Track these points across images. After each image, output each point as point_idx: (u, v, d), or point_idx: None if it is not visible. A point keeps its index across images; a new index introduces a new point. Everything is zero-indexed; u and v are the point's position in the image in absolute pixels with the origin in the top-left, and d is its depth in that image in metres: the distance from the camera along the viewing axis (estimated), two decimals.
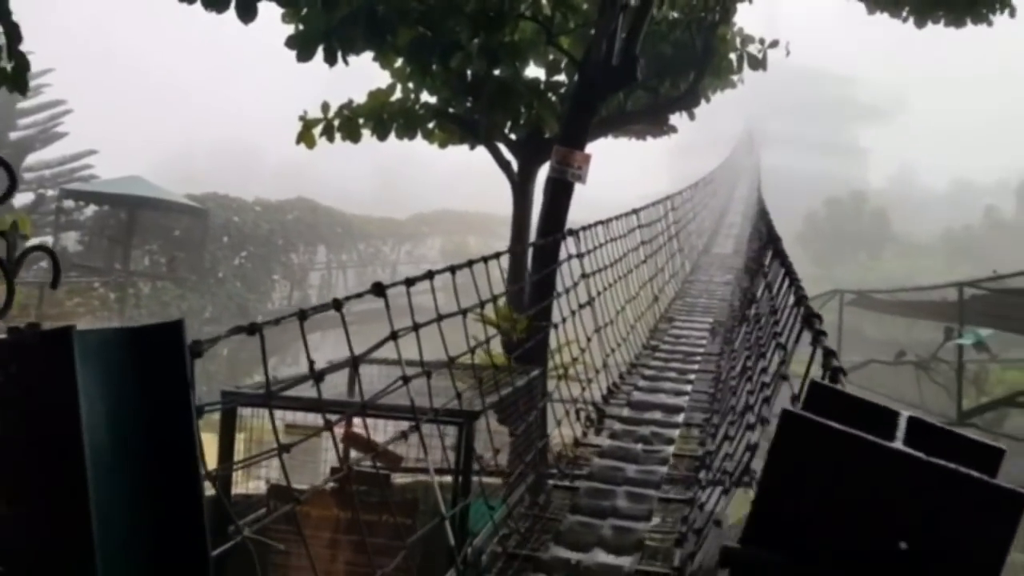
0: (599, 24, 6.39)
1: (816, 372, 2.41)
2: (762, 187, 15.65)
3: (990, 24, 8.07)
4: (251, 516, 4.22)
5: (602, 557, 3.61)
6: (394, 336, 3.23)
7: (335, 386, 5.17)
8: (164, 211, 21.60)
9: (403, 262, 33.28)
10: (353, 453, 4.96)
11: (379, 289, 3.19)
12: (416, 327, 3.37)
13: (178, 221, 22.66)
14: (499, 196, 8.95)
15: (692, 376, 6.40)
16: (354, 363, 3.17)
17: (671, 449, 4.85)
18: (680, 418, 5.42)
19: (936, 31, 8.89)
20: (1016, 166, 49.69)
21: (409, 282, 3.44)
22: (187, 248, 22.54)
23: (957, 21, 8.10)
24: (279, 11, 7.04)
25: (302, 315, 2.73)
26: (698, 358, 6.99)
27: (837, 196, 44.39)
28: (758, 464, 2.97)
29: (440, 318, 3.72)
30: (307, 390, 3.71)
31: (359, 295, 3.30)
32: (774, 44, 9.19)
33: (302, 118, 8.48)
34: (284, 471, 2.55)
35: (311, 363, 2.95)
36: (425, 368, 3.35)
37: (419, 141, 8.99)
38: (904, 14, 8.46)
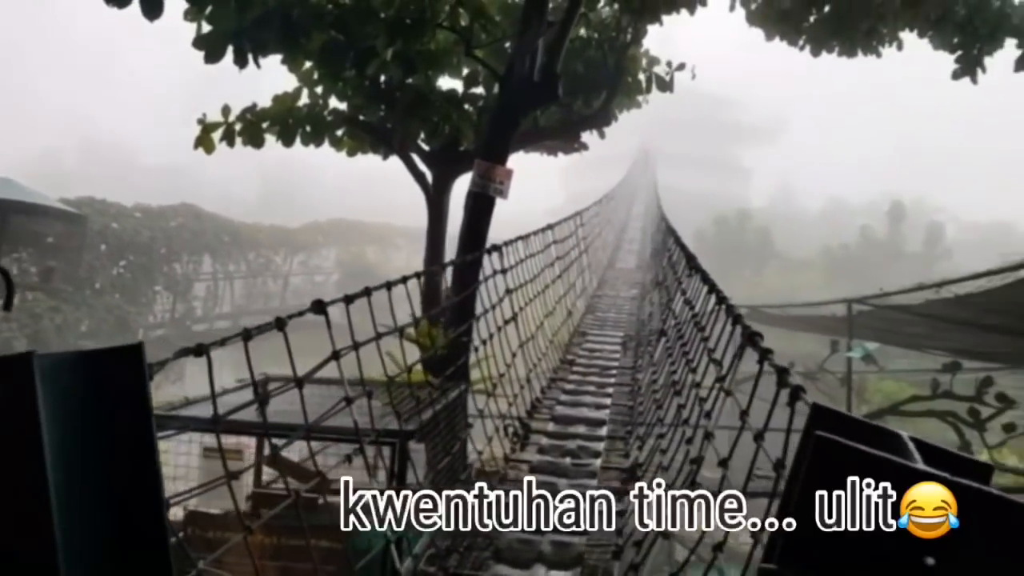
0: (523, 40, 6.41)
1: (769, 389, 2.47)
2: (662, 204, 16.14)
3: (879, 56, 8.66)
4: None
5: (542, 573, 3.58)
6: (336, 356, 3.10)
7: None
8: (36, 216, 20.06)
9: (296, 273, 32.27)
10: (268, 475, 4.73)
11: (320, 307, 3.05)
12: (356, 346, 3.25)
13: (51, 227, 21.10)
14: (397, 206, 8.84)
15: (610, 389, 6.49)
16: (299, 383, 3.01)
17: (599, 462, 4.87)
18: (604, 431, 5.46)
19: (816, 58, 9.45)
20: (887, 189, 53.64)
21: (348, 299, 3.32)
22: (62, 257, 21.03)
23: (850, 51, 8.64)
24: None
25: (246, 335, 2.58)
26: (614, 372, 7.09)
27: (724, 214, 46.46)
28: (710, 475, 3.01)
29: (379, 336, 3.60)
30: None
31: (300, 314, 3.13)
32: (681, 67, 9.51)
33: (201, 121, 8.09)
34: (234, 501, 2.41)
35: (254, 384, 2.79)
36: (367, 388, 3.23)
37: (299, 147, 8.72)
38: (801, 42, 8.95)
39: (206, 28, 6.39)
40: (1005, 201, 63.27)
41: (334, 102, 8.44)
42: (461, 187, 7.62)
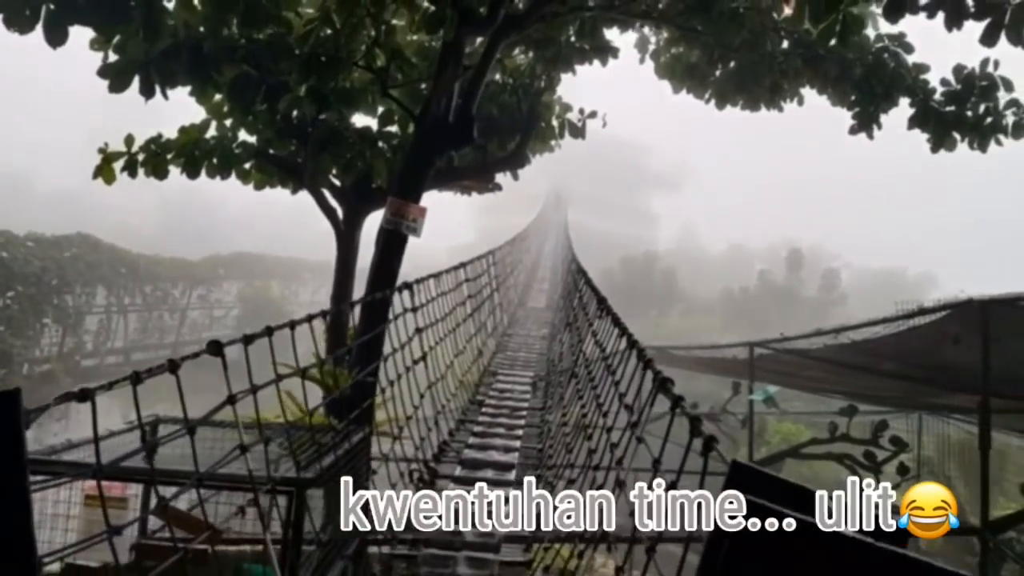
0: (439, 82, 6.44)
1: (679, 434, 2.49)
2: (572, 245, 16.40)
3: (781, 110, 9.12)
4: None
5: None
6: (232, 400, 2.96)
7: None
8: None
9: (195, 307, 31.08)
10: (153, 524, 4.46)
11: (217, 348, 2.92)
12: (254, 389, 3.13)
13: None
14: (304, 240, 8.67)
15: (520, 432, 6.44)
16: (143, 432, 2.85)
17: None
18: (512, 475, 5.40)
19: (717, 111, 9.87)
20: (784, 234, 56.40)
21: (247, 339, 3.19)
22: None
23: (754, 105, 9.07)
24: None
25: (135, 379, 2.43)
26: (523, 413, 7.06)
27: (631, 255, 47.72)
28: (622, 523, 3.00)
29: (279, 378, 3.48)
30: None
31: (195, 355, 2.97)
32: (593, 115, 9.76)
33: (102, 151, 7.73)
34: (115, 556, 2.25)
35: (143, 431, 2.63)
36: (264, 433, 3.09)
37: (203, 180, 8.49)
38: (707, 96, 9.33)
39: (113, 57, 6.14)
40: (895, 247, 67.69)
41: (243, 135, 8.25)
42: (372, 223, 7.54)
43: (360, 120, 8.34)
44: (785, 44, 8.67)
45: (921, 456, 12.61)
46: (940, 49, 8.88)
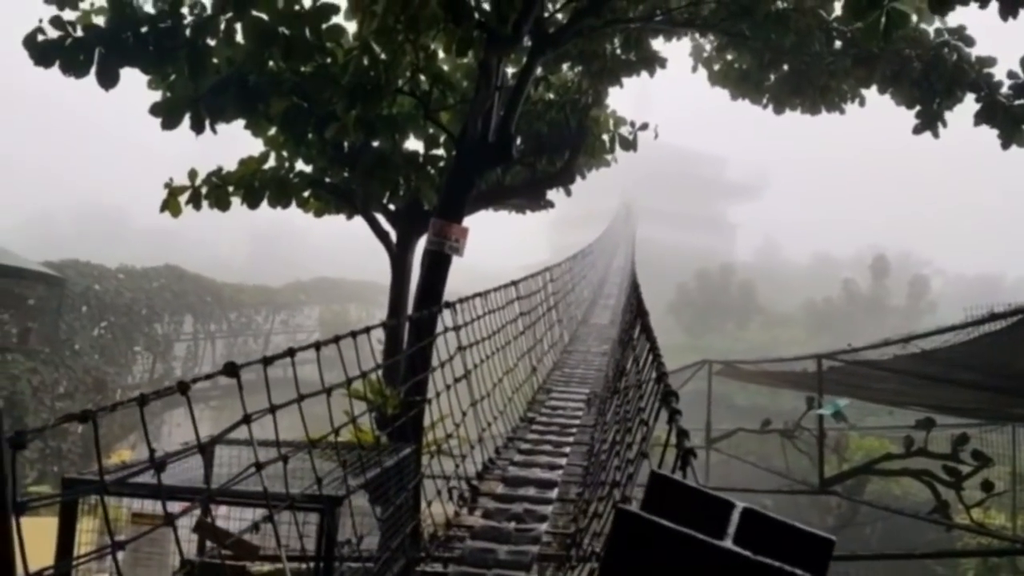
0: (475, 102, 6.53)
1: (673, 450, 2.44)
2: (636, 259, 16.26)
3: (842, 112, 8.85)
4: None
5: None
6: (247, 420, 3.05)
7: (194, 468, 4.83)
8: (16, 279, 20.07)
9: (278, 332, 32.16)
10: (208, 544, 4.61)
11: (231, 369, 3.01)
12: (273, 408, 3.21)
13: (32, 289, 21.09)
14: (380, 265, 8.86)
15: (567, 449, 6.39)
16: (201, 449, 2.97)
17: (543, 527, 4.76)
18: (554, 493, 5.36)
19: (799, 116, 9.65)
20: (870, 242, 54.21)
21: (267, 360, 3.28)
22: (41, 318, 20.95)
23: (812, 108, 8.83)
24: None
25: (142, 400, 2.54)
26: (574, 430, 7.00)
27: (707, 268, 46.78)
28: None
29: (301, 397, 3.56)
30: (164, 474, 3.45)
31: (208, 376, 3.10)
32: (644, 127, 9.68)
33: (167, 185, 8.15)
34: (117, 570, 2.35)
35: (152, 451, 2.73)
36: (281, 452, 3.17)
37: (294, 209, 8.83)
38: (764, 101, 9.14)
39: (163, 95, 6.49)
40: (991, 253, 64.17)
41: (300, 164, 8.54)
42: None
43: (410, 144, 8.53)
44: (838, 44, 8.42)
45: (1019, 470, 11.87)
46: (1008, 42, 8.46)
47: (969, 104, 8.30)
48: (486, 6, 6.64)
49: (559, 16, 7.44)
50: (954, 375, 8.81)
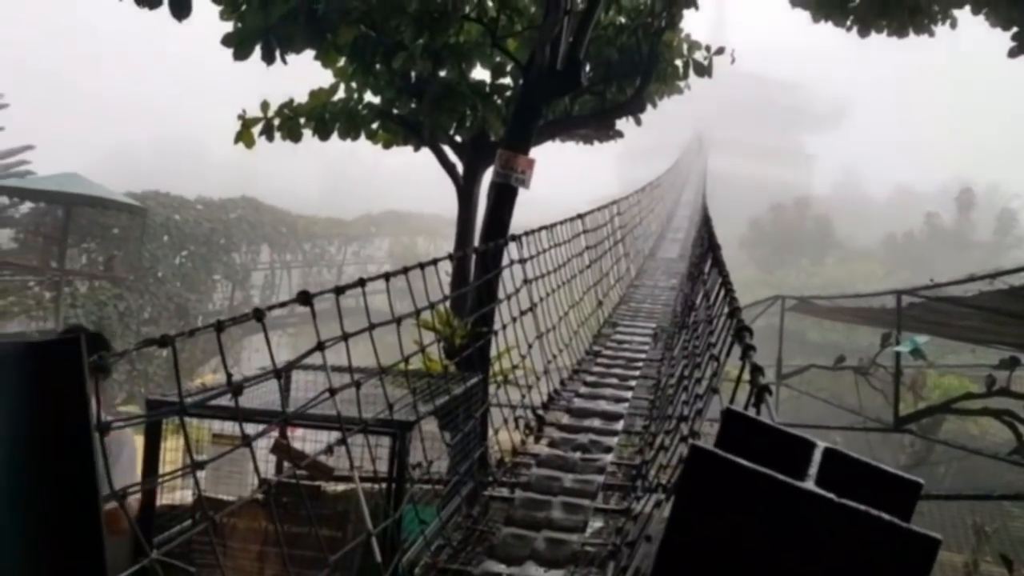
0: (543, 28, 6.35)
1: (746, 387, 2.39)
2: (708, 192, 15.85)
3: (931, 34, 8.29)
4: (172, 530, 4.08)
5: (533, 571, 3.55)
6: (321, 347, 3.12)
7: (271, 392, 5.02)
8: (102, 209, 20.91)
9: (350, 263, 32.90)
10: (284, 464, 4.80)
11: (305, 298, 3.06)
12: (345, 336, 3.27)
13: (116, 219, 21.96)
14: (448, 198, 8.87)
15: (633, 383, 6.38)
16: (278, 374, 3.06)
17: (609, 457, 4.80)
18: (619, 425, 5.37)
19: (882, 40, 9.12)
20: (957, 175, 51.43)
21: (339, 290, 3.34)
22: (125, 247, 21.87)
23: (900, 30, 8.32)
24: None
25: (219, 326, 2.60)
26: (640, 364, 6.97)
27: (781, 202, 45.32)
28: None
29: (372, 327, 3.62)
30: (242, 397, 3.60)
31: (283, 304, 3.17)
32: (720, 51, 9.27)
33: (241, 117, 8.27)
34: (198, 488, 2.47)
35: (229, 375, 2.82)
36: (354, 378, 3.25)
37: (364, 141, 8.87)
38: (848, 23, 8.63)
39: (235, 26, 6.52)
40: None
41: (368, 96, 8.53)
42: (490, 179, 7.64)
43: (476, 74, 8.40)
44: None
45: None
46: None
47: None
48: None
49: None
50: None
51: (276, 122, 8.43)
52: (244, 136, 8.34)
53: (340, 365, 4.16)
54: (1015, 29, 7.68)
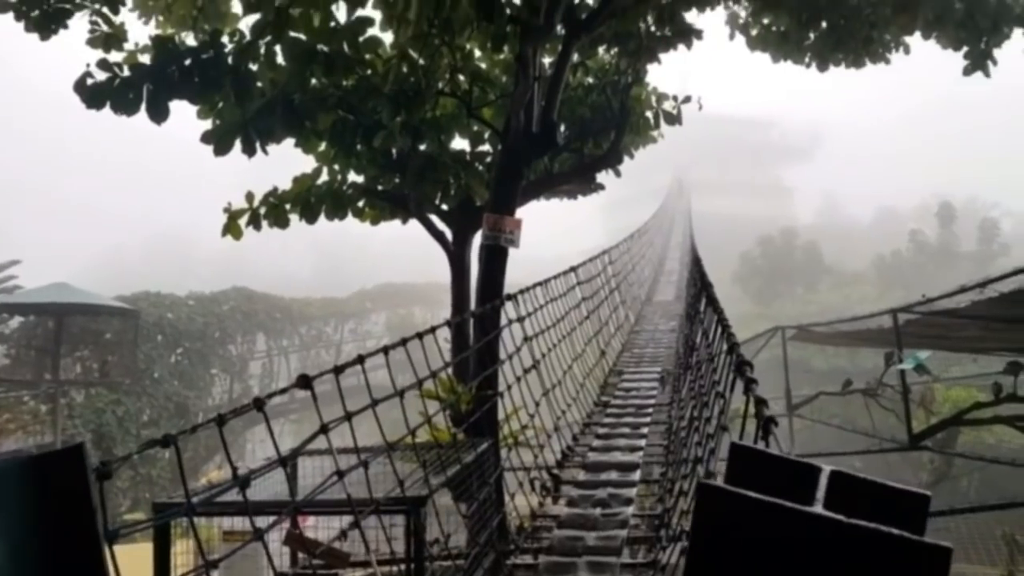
0: (515, 96, 6.52)
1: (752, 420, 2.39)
2: (694, 232, 16.02)
3: (887, 63, 8.53)
4: None
5: None
6: (324, 429, 3.11)
7: (279, 482, 4.95)
8: (92, 315, 20.87)
9: (348, 341, 32.79)
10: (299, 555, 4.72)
11: (305, 382, 3.07)
12: (348, 416, 3.26)
13: (108, 324, 21.92)
14: (440, 265, 8.94)
15: (645, 430, 6.35)
16: (283, 462, 3.03)
17: (630, 510, 4.74)
18: (636, 475, 5.33)
19: (843, 70, 9.36)
20: (934, 190, 52.10)
21: (338, 369, 3.34)
22: (119, 351, 21.78)
23: (856, 62, 8.56)
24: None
25: (220, 420, 2.60)
26: (650, 410, 6.95)
27: (768, 234, 45.72)
28: None
29: (375, 403, 3.60)
30: (250, 490, 3.56)
31: (283, 391, 3.18)
32: (687, 100, 9.51)
33: (227, 210, 8.37)
34: None
35: (234, 469, 2.80)
36: (362, 458, 3.23)
37: (351, 220, 8.96)
38: (807, 60, 8.89)
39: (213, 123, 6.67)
40: None
41: (352, 176, 8.67)
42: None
43: (456, 144, 8.57)
44: None
45: None
46: None
47: (1017, 40, 7.99)
48: (516, 0, 6.62)
49: (589, 1, 7.36)
50: None
51: (262, 211, 8.53)
52: (231, 228, 8.43)
53: (346, 446, 4.14)
54: (965, 49, 7.94)
